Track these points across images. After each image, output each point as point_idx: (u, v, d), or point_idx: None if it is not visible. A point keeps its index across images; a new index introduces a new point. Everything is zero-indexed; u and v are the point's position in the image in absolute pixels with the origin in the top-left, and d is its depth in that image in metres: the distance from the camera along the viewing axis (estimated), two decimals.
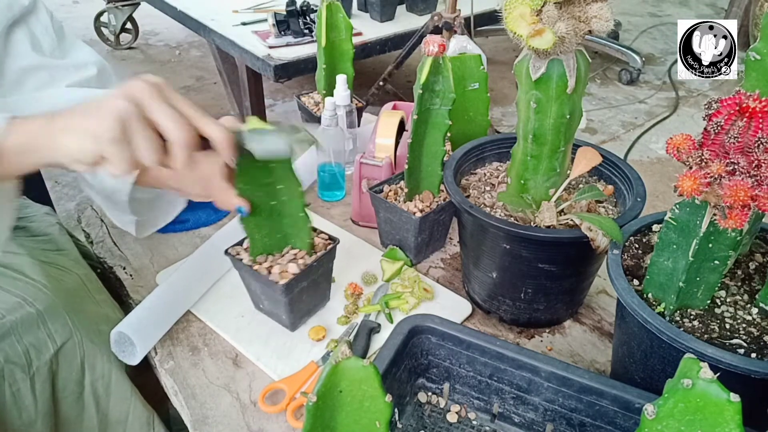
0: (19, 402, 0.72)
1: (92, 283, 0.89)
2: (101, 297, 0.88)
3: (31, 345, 0.72)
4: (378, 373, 0.49)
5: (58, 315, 0.75)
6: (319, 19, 1.15)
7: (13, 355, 0.71)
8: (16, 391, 0.72)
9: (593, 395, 0.63)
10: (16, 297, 0.73)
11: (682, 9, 3.96)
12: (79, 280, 0.85)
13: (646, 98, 2.77)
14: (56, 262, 0.85)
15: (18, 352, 0.71)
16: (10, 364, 0.71)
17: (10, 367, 0.71)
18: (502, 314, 0.88)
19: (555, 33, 0.64)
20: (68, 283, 0.83)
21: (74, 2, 3.88)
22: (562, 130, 0.74)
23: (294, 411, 0.74)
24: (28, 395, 0.73)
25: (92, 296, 0.86)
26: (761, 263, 0.71)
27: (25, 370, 0.72)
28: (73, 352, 0.76)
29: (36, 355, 0.73)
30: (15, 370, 0.71)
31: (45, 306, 0.74)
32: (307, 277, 0.80)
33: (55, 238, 0.91)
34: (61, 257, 0.87)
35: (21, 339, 0.72)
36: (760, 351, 0.60)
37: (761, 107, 0.51)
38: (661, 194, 2.04)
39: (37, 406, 0.74)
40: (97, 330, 0.80)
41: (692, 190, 0.53)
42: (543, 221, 0.78)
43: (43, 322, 0.74)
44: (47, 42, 0.80)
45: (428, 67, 0.83)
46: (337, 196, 1.15)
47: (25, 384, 0.72)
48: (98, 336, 0.80)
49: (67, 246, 0.91)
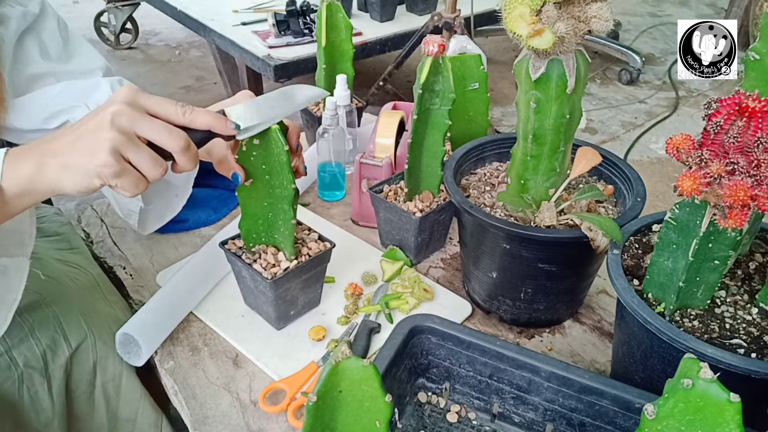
0: (37, 404, 0.73)
1: (105, 283, 0.90)
2: (113, 298, 0.89)
3: (48, 347, 0.73)
4: (378, 373, 0.49)
5: (73, 316, 0.76)
6: (319, 19, 1.15)
7: (31, 359, 0.72)
8: (34, 393, 0.73)
9: (593, 395, 0.63)
10: (34, 293, 0.74)
11: (682, 9, 3.96)
12: (93, 280, 0.86)
13: (646, 98, 2.77)
14: (71, 261, 0.86)
15: (36, 355, 0.72)
16: (29, 369, 0.72)
17: (29, 372, 0.72)
18: (502, 314, 0.88)
19: (554, 33, 0.64)
20: (83, 283, 0.83)
21: (74, 2, 3.88)
22: (562, 130, 0.74)
23: (294, 411, 0.74)
24: (45, 397, 0.73)
25: (105, 297, 0.87)
26: (761, 263, 0.71)
27: (43, 373, 0.73)
28: (87, 354, 0.76)
29: (52, 357, 0.74)
30: (33, 374, 0.72)
31: (60, 307, 0.75)
32: (297, 276, 0.80)
33: (68, 237, 0.92)
34: (76, 255, 0.88)
35: (39, 341, 0.72)
36: (760, 351, 0.60)
37: (761, 107, 0.51)
38: (661, 194, 2.04)
39: (54, 407, 0.74)
40: (110, 331, 0.81)
41: (692, 190, 0.53)
42: (543, 221, 0.78)
43: (58, 324, 0.74)
44: (54, 46, 0.82)
45: (428, 67, 0.83)
46: (337, 195, 1.15)
47: (42, 387, 0.73)
48: (110, 337, 0.80)
49: (80, 245, 0.92)
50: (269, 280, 0.77)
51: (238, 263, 0.80)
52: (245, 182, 0.72)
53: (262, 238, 0.81)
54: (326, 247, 0.82)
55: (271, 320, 0.85)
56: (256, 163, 0.72)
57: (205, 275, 0.91)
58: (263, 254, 0.80)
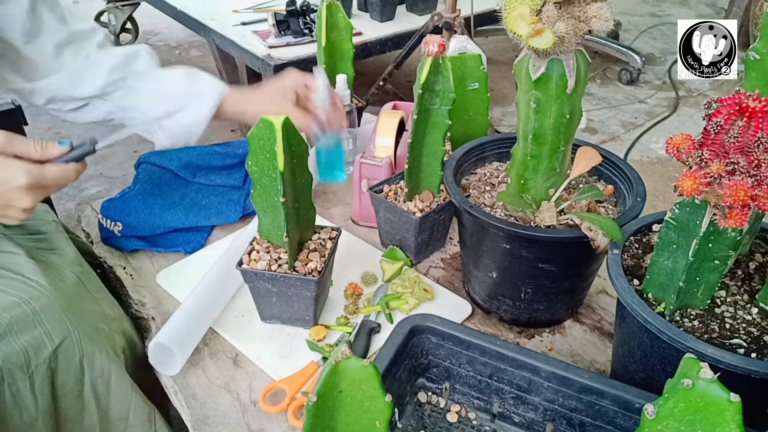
0: (19, 402, 0.72)
1: (90, 281, 0.89)
2: (100, 295, 0.88)
3: (28, 344, 0.72)
4: (378, 373, 0.49)
5: (54, 314, 0.75)
6: (319, 19, 1.15)
7: (11, 354, 0.71)
8: (15, 391, 0.72)
9: (593, 395, 0.63)
10: (12, 297, 0.73)
11: (682, 9, 3.96)
12: (76, 279, 0.85)
13: (646, 98, 2.77)
14: (51, 262, 0.85)
15: (16, 350, 0.71)
16: (8, 364, 0.71)
17: (9, 367, 0.71)
18: (502, 314, 0.88)
19: (555, 33, 0.64)
20: (65, 282, 0.83)
21: (74, 2, 3.88)
22: (562, 130, 0.74)
23: (294, 411, 0.74)
24: (28, 395, 0.73)
25: (90, 294, 0.86)
26: (761, 263, 0.71)
27: (24, 369, 0.72)
28: (72, 350, 0.76)
29: (34, 353, 0.73)
30: (14, 369, 0.71)
31: (41, 305, 0.74)
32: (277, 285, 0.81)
33: (50, 237, 0.91)
34: (56, 256, 0.87)
35: (18, 338, 0.72)
36: (760, 351, 0.60)
37: (761, 107, 0.51)
38: (661, 194, 2.04)
39: (37, 405, 0.74)
40: (96, 328, 0.80)
41: (692, 190, 0.53)
42: (543, 221, 0.78)
43: (39, 321, 0.73)
44: (58, 10, 0.89)
45: (428, 67, 0.83)
46: (337, 176, 1.08)
47: (24, 384, 0.72)
48: (97, 334, 0.79)
49: (63, 245, 0.91)
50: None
51: (288, 278, 0.80)
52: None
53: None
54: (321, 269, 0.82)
55: (304, 321, 0.85)
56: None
57: (227, 279, 0.90)
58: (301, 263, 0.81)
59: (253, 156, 0.73)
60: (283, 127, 0.70)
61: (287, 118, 0.71)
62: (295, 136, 0.73)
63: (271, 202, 0.76)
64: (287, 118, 0.71)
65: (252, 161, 0.73)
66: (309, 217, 0.84)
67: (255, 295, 0.84)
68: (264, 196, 0.76)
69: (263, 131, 0.70)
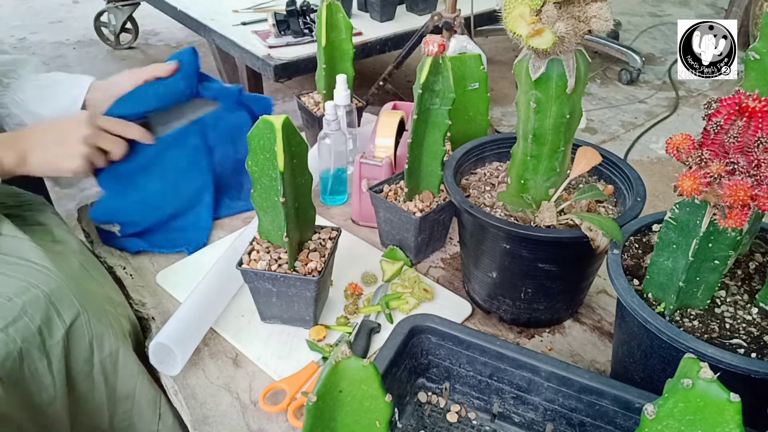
0: (38, 381, 0.74)
1: (94, 267, 0.90)
2: (103, 279, 0.90)
3: (43, 324, 0.74)
4: (378, 373, 0.49)
5: (64, 295, 0.76)
6: (319, 18, 1.15)
7: (28, 335, 0.72)
8: (34, 370, 0.73)
9: (593, 395, 0.63)
10: (21, 281, 0.74)
11: (682, 9, 3.96)
12: (79, 265, 0.86)
13: (646, 98, 2.77)
14: (55, 250, 0.86)
15: (32, 331, 0.72)
16: (26, 344, 0.72)
17: (27, 347, 0.72)
18: (502, 314, 0.88)
19: (554, 33, 0.64)
20: (69, 267, 0.84)
21: (74, 2, 3.88)
22: (562, 130, 0.74)
23: (294, 411, 0.74)
24: (46, 374, 0.74)
25: (95, 278, 0.88)
26: (761, 263, 0.71)
27: (41, 349, 0.73)
28: (82, 330, 0.77)
29: (48, 333, 0.74)
30: (32, 350, 0.72)
31: (51, 288, 0.75)
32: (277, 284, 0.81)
33: (51, 228, 0.92)
34: (59, 246, 0.88)
35: (33, 319, 0.73)
36: (760, 351, 0.60)
37: (761, 107, 0.51)
38: (661, 194, 2.04)
39: (55, 384, 0.75)
40: (103, 309, 0.81)
41: (692, 190, 0.53)
42: (543, 221, 0.78)
43: (50, 302, 0.75)
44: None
45: (428, 67, 0.83)
46: (340, 200, 1.15)
47: (42, 363, 0.73)
48: (105, 315, 0.80)
49: (65, 237, 0.92)
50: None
51: (287, 277, 0.79)
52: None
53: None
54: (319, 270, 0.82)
55: (304, 321, 0.85)
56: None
57: (222, 289, 0.90)
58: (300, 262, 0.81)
59: (253, 156, 0.73)
60: (283, 127, 0.70)
61: (287, 118, 0.71)
62: (295, 136, 0.73)
63: (271, 202, 0.76)
64: (287, 118, 0.71)
65: (252, 161, 0.73)
66: (309, 217, 0.84)
67: (255, 295, 0.84)
68: (264, 196, 0.76)
69: (263, 131, 0.70)
